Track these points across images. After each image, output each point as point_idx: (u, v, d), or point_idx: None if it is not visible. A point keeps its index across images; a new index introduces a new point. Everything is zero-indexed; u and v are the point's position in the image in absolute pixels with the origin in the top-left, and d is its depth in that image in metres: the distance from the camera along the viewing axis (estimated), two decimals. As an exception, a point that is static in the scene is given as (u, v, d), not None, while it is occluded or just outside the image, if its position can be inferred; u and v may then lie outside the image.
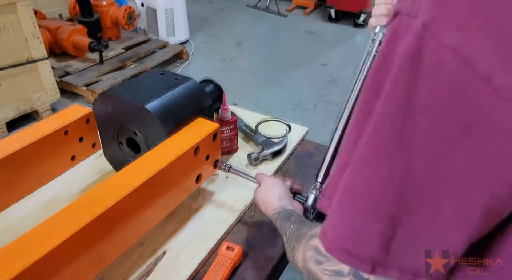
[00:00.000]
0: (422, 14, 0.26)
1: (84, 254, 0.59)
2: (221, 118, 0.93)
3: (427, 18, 0.26)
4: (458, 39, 0.25)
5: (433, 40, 0.25)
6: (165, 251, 0.73)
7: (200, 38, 3.50)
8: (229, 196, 0.86)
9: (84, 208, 0.60)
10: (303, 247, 0.45)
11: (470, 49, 0.25)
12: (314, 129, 2.52)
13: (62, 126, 0.82)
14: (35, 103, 2.25)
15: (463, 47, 0.25)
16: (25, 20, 2.05)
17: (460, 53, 0.25)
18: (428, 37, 0.26)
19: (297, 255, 0.45)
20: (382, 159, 0.29)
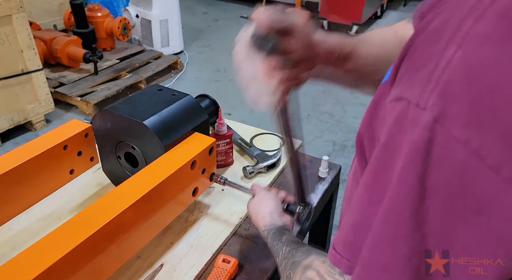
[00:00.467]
0: (432, 108, 0.28)
1: (83, 269, 0.60)
2: (217, 132, 0.96)
3: (437, 112, 0.27)
4: (467, 133, 0.27)
5: (443, 134, 0.27)
6: (162, 264, 0.75)
7: (194, 49, 3.54)
8: (225, 209, 0.88)
9: (83, 223, 0.62)
10: (299, 278, 0.46)
11: (479, 143, 0.26)
12: (307, 140, 2.55)
13: (62, 141, 0.84)
14: (29, 114, 2.26)
15: (472, 140, 0.26)
16: (20, 32, 2.07)
17: (470, 146, 0.26)
18: (438, 130, 0.27)
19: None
20: (400, 239, 0.31)
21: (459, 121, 0.27)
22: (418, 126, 0.29)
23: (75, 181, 0.92)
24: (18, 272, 0.54)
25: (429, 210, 0.30)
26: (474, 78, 0.26)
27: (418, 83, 0.29)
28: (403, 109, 0.30)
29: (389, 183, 0.32)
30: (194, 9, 4.53)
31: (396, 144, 0.31)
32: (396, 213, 0.31)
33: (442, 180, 0.29)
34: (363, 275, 0.35)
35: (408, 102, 0.30)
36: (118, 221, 0.64)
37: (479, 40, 0.27)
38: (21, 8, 2.04)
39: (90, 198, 0.90)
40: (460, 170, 0.28)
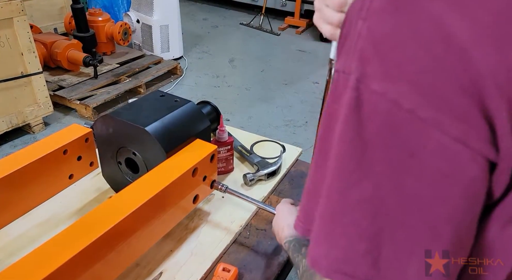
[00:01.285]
0: (355, 71, 0.34)
1: (82, 276, 0.59)
2: (218, 139, 0.96)
3: (359, 74, 0.33)
4: (384, 86, 0.32)
5: (366, 90, 0.33)
6: (161, 272, 0.74)
7: (194, 55, 3.55)
8: (225, 216, 0.88)
9: (83, 231, 0.61)
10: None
11: (395, 92, 0.32)
12: (305, 147, 2.56)
13: (62, 146, 0.83)
14: (28, 117, 2.25)
15: (389, 91, 0.32)
16: (21, 35, 2.07)
17: (388, 96, 0.32)
18: (362, 88, 0.33)
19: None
20: (351, 186, 0.34)
21: (376, 77, 0.32)
22: (347, 88, 0.34)
23: (74, 186, 0.91)
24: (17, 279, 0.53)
25: (373, 160, 0.33)
26: (378, 42, 0.33)
27: (344, 55, 0.36)
28: (338, 78, 0.36)
29: (331, 144, 0.36)
30: (194, 15, 4.55)
31: (334, 110, 0.36)
32: (343, 166, 0.35)
33: (375, 130, 0.33)
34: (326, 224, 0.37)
35: (339, 72, 0.36)
36: (118, 228, 0.63)
37: (377, 14, 0.33)
38: (22, 11, 2.04)
39: (89, 204, 0.89)
40: (386, 118, 0.32)
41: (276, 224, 0.71)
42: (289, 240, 0.64)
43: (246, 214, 0.88)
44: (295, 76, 3.24)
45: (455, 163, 0.31)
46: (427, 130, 0.31)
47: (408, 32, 0.31)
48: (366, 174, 0.33)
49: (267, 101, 2.87)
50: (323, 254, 0.37)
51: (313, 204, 0.39)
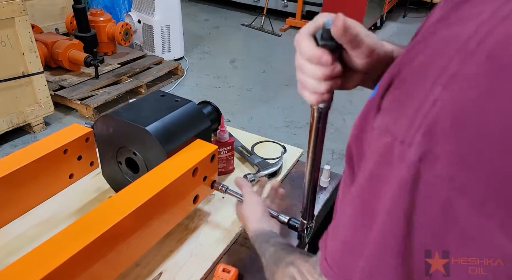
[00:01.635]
0: (417, 146, 0.29)
1: (81, 276, 0.59)
2: (218, 139, 0.95)
3: (422, 151, 0.29)
4: (451, 171, 0.28)
5: (428, 172, 0.29)
6: (161, 272, 0.74)
7: (195, 55, 3.55)
8: (225, 217, 0.87)
9: (82, 230, 0.61)
10: (282, 273, 0.49)
11: (463, 180, 0.28)
12: (306, 148, 2.56)
13: (62, 145, 0.83)
14: (28, 116, 2.25)
15: (456, 178, 0.28)
16: (22, 35, 2.07)
17: (453, 183, 0.28)
18: (423, 169, 0.29)
19: (276, 279, 0.50)
20: (388, 271, 0.33)
21: (444, 160, 0.28)
22: (404, 163, 0.30)
23: (74, 185, 0.91)
24: (16, 279, 0.53)
25: (415, 243, 0.31)
26: (459, 119, 0.27)
27: (404, 119, 0.30)
28: (389, 143, 0.31)
29: (377, 212, 0.33)
30: (195, 16, 4.55)
31: (383, 176, 0.32)
32: (384, 246, 0.33)
33: (427, 215, 0.30)
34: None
35: (394, 137, 0.31)
36: (118, 228, 0.63)
37: (465, 82, 0.27)
38: (24, 11, 2.05)
39: (89, 203, 0.89)
40: (444, 206, 0.29)
41: (244, 213, 0.74)
42: (257, 233, 0.67)
43: (246, 214, 0.88)
44: (296, 78, 3.24)
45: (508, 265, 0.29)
46: (487, 228, 0.28)
47: (505, 112, 0.26)
48: (405, 260, 0.32)
49: (268, 102, 2.87)
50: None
51: (352, 259, 0.37)
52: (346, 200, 0.39)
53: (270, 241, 0.62)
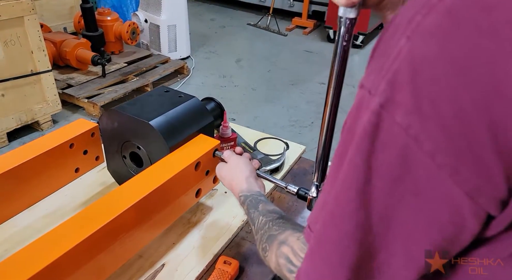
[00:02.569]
0: (380, 95, 0.30)
1: (85, 266, 0.61)
2: (221, 135, 0.97)
3: (384, 99, 0.30)
4: (408, 120, 0.29)
5: (388, 119, 0.30)
6: (163, 264, 0.75)
7: (201, 54, 3.57)
8: (227, 211, 0.88)
9: (86, 221, 0.62)
10: (275, 253, 0.49)
11: (419, 129, 0.29)
12: (310, 147, 2.56)
13: (68, 140, 0.85)
14: (37, 114, 2.28)
15: (413, 127, 0.29)
16: (31, 34, 2.11)
17: (410, 132, 0.29)
18: (384, 115, 0.30)
19: (270, 258, 0.50)
20: (346, 216, 0.34)
21: (402, 108, 0.29)
22: (368, 111, 0.31)
23: (80, 179, 0.92)
24: (20, 267, 0.54)
25: (373, 190, 0.32)
26: (418, 70, 0.28)
27: (374, 73, 0.32)
28: (362, 96, 0.33)
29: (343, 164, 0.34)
30: (202, 16, 4.58)
31: (352, 128, 0.34)
32: (343, 191, 0.34)
33: (385, 162, 0.31)
34: (314, 248, 0.38)
35: (366, 89, 0.32)
36: (121, 219, 0.64)
37: (425, 35, 0.29)
38: (33, 10, 2.08)
39: (94, 197, 0.91)
40: (401, 154, 0.30)
41: (229, 173, 0.71)
42: (246, 194, 0.64)
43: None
44: (302, 77, 3.24)
45: (456, 214, 0.30)
46: (440, 177, 0.29)
47: (458, 65, 0.27)
48: (363, 205, 0.33)
49: (273, 101, 2.88)
50: (305, 273, 0.39)
51: (317, 216, 0.39)
52: None
53: (259, 208, 0.60)
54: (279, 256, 0.48)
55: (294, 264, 0.45)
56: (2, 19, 1.96)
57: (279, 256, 0.48)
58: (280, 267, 0.47)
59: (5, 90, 2.10)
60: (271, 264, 0.50)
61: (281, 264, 0.47)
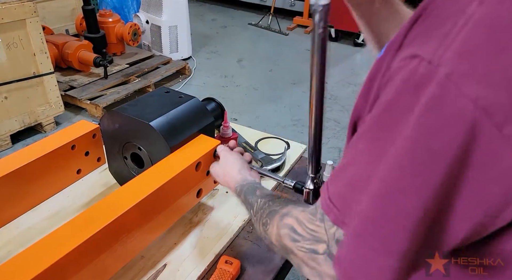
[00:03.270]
0: (445, 65, 0.28)
1: (87, 266, 0.61)
2: (222, 135, 0.97)
3: (450, 69, 0.28)
4: (478, 90, 0.27)
5: (454, 90, 0.28)
6: (165, 264, 0.76)
7: (202, 55, 3.58)
8: (228, 211, 0.89)
9: (88, 221, 0.63)
10: (277, 225, 0.48)
11: (489, 100, 0.27)
12: (313, 146, 2.55)
13: (70, 141, 0.85)
14: (40, 116, 2.30)
15: (482, 97, 0.27)
16: (33, 36, 2.12)
17: (479, 103, 0.27)
18: (450, 87, 0.28)
19: (271, 231, 0.49)
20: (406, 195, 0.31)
21: (472, 78, 0.27)
22: (430, 82, 0.29)
23: (81, 180, 0.93)
24: (23, 269, 0.55)
25: (436, 166, 0.30)
26: (492, 35, 0.27)
27: (434, 41, 0.30)
28: (414, 67, 0.30)
29: (396, 139, 0.31)
30: (203, 16, 4.58)
31: (405, 101, 0.31)
32: (403, 168, 0.31)
33: (450, 137, 0.29)
34: (360, 231, 0.35)
35: (421, 59, 0.30)
36: (123, 220, 0.65)
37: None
38: (35, 13, 2.09)
39: (96, 198, 0.91)
40: (467, 127, 0.28)
41: (221, 169, 0.73)
42: (241, 184, 0.66)
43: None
44: (303, 76, 3.24)
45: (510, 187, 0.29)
46: (505, 149, 0.28)
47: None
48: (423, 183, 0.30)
49: (275, 101, 2.88)
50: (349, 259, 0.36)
51: (355, 197, 0.36)
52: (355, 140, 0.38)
53: (257, 193, 0.60)
54: (281, 227, 0.47)
55: (298, 233, 0.44)
56: (5, 22, 1.97)
57: (281, 227, 0.47)
58: (281, 238, 0.46)
59: (8, 92, 2.11)
60: (271, 237, 0.49)
61: (283, 234, 0.46)
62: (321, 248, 0.40)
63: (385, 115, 0.33)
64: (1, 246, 0.78)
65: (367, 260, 0.34)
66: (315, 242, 0.41)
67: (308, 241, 0.42)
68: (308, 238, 0.42)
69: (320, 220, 0.41)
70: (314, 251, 0.41)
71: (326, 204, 0.40)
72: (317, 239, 0.41)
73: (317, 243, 0.40)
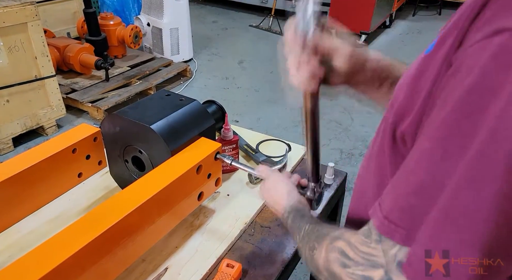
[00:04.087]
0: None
1: (89, 270, 0.61)
2: (223, 137, 0.97)
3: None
4: None
5: None
6: (166, 268, 0.75)
7: (203, 57, 3.58)
8: (230, 214, 0.88)
9: (89, 225, 0.63)
10: (326, 248, 0.44)
11: None
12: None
13: (71, 145, 0.85)
14: (41, 119, 2.30)
15: None
16: (35, 39, 2.13)
17: None
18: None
19: (318, 255, 0.45)
20: (488, 181, 0.29)
21: None
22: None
23: (83, 184, 0.93)
24: (24, 273, 0.55)
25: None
26: None
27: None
28: (503, 42, 0.27)
29: (479, 127, 0.29)
30: (204, 18, 4.59)
31: (492, 83, 0.28)
32: (489, 154, 0.28)
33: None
34: (438, 227, 0.32)
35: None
36: (124, 223, 0.64)
37: None
38: (36, 16, 2.10)
39: (97, 201, 0.91)
40: None
41: (269, 192, 0.67)
42: (289, 211, 0.62)
43: (251, 211, 0.89)
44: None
45: None
46: None
47: None
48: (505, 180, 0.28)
49: (276, 102, 2.87)
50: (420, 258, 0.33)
51: (428, 203, 0.33)
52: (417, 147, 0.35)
53: (305, 218, 0.57)
54: (330, 251, 0.42)
55: (349, 257, 0.40)
56: (6, 26, 1.98)
57: (330, 250, 0.43)
58: (330, 262, 0.42)
59: (9, 96, 2.12)
60: (318, 262, 0.45)
61: (332, 259, 0.42)
62: (377, 275, 0.36)
63: (465, 104, 0.30)
64: (2, 250, 0.78)
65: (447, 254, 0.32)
66: (369, 267, 0.37)
67: (361, 266, 0.38)
68: (361, 263, 0.38)
69: (376, 242, 0.37)
70: (368, 278, 0.37)
71: (384, 225, 0.36)
72: (373, 264, 0.37)
73: (372, 268, 0.37)
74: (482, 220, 0.30)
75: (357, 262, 0.38)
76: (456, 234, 0.31)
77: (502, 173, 0.28)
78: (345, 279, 0.39)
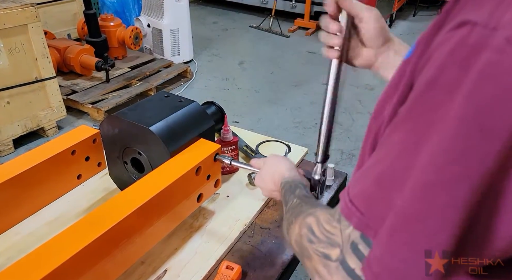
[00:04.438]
0: (505, 27, 0.25)
1: (88, 272, 0.61)
2: (222, 138, 0.96)
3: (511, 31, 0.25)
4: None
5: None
6: (166, 270, 0.75)
7: (204, 58, 3.58)
8: (229, 216, 0.88)
9: (88, 227, 0.62)
10: (299, 223, 0.45)
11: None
12: (314, 149, 2.56)
13: (70, 146, 0.85)
14: (42, 121, 2.30)
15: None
16: (35, 41, 2.13)
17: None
18: (510, 52, 0.24)
19: (293, 229, 0.46)
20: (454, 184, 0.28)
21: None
22: (484, 49, 0.25)
23: (82, 186, 0.93)
24: (23, 275, 0.55)
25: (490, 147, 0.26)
26: None
27: (487, 6, 0.27)
28: (464, 35, 0.27)
29: (439, 122, 0.28)
30: (204, 19, 4.59)
31: (450, 77, 0.27)
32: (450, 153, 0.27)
33: (507, 112, 0.25)
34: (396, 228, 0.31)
35: (473, 24, 0.26)
36: (123, 225, 0.64)
37: None
38: (37, 18, 2.10)
39: (96, 203, 0.91)
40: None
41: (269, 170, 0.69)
42: (286, 180, 0.63)
43: (251, 213, 0.89)
44: (305, 78, 3.23)
45: None
46: None
47: None
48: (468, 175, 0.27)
49: (277, 103, 2.87)
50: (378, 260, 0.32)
51: (385, 196, 0.33)
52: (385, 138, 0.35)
53: (296, 192, 0.57)
54: (302, 226, 0.43)
55: (315, 234, 0.40)
56: (7, 27, 1.98)
57: (302, 226, 0.43)
58: (301, 237, 0.43)
59: (10, 97, 2.12)
60: (292, 236, 0.46)
61: (303, 234, 0.42)
62: (334, 253, 0.36)
63: (424, 99, 0.29)
64: (1, 252, 0.78)
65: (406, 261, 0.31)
66: (329, 245, 0.37)
67: (323, 243, 0.38)
68: (323, 240, 0.38)
69: (337, 221, 0.38)
70: (327, 256, 0.37)
71: (347, 208, 0.36)
72: (332, 242, 0.37)
73: (331, 247, 0.37)
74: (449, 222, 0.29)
75: (320, 239, 0.39)
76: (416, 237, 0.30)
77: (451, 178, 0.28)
78: (311, 253, 0.40)
